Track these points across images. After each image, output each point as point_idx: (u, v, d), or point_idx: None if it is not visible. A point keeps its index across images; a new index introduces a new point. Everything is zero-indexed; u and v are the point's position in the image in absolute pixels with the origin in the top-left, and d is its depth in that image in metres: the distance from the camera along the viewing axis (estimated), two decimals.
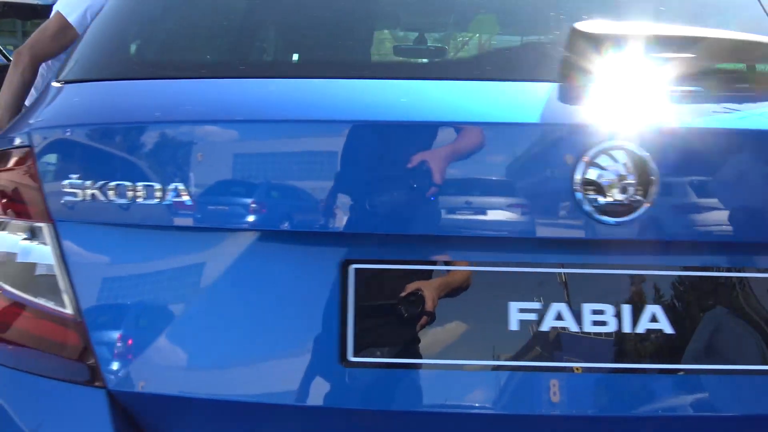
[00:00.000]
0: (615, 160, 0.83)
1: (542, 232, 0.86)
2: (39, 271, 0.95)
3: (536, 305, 0.88)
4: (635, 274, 0.89)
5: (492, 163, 0.86)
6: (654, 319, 0.87)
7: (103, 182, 0.90)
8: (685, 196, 0.84)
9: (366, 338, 0.88)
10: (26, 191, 0.95)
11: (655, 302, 0.86)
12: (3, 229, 0.98)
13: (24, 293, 0.96)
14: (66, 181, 0.91)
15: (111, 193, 0.89)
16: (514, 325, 0.87)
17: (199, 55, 1.06)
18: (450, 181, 0.86)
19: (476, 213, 0.87)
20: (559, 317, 0.87)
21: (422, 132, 0.87)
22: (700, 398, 0.85)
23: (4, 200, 0.98)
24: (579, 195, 0.83)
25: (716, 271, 0.88)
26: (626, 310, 0.85)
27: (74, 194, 0.91)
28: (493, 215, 0.86)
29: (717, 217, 0.85)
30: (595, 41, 0.89)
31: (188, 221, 0.89)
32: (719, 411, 0.87)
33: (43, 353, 0.95)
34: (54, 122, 0.95)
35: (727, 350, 0.88)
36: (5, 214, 0.97)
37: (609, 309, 0.85)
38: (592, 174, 0.82)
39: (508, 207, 0.86)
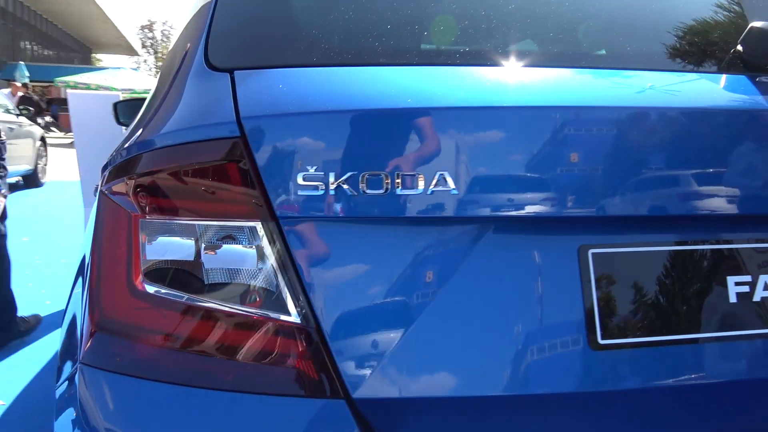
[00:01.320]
0: None
1: (763, 210, 0.94)
2: (262, 279, 0.86)
3: (748, 278, 0.95)
4: None
5: (718, 148, 0.92)
6: None
7: (351, 173, 0.83)
8: None
9: (611, 321, 0.90)
10: (240, 187, 0.85)
11: None
12: (210, 234, 0.86)
13: (245, 306, 0.86)
14: (299, 174, 0.83)
15: (362, 185, 0.83)
16: (733, 297, 0.94)
17: (392, 41, 1.00)
18: (680, 165, 0.91)
19: (705, 195, 0.92)
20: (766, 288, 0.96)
21: (657, 118, 0.91)
22: None
23: (210, 199, 0.87)
24: None
25: None
26: None
27: (312, 188, 0.83)
28: (719, 196, 0.92)
29: None
30: None
31: (432, 211, 0.85)
32: None
33: (272, 369, 0.85)
34: (272, 110, 0.86)
35: None
36: (212, 215, 0.86)
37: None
38: None
39: (732, 189, 0.92)
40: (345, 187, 0.83)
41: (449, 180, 0.84)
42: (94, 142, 3.87)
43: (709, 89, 0.98)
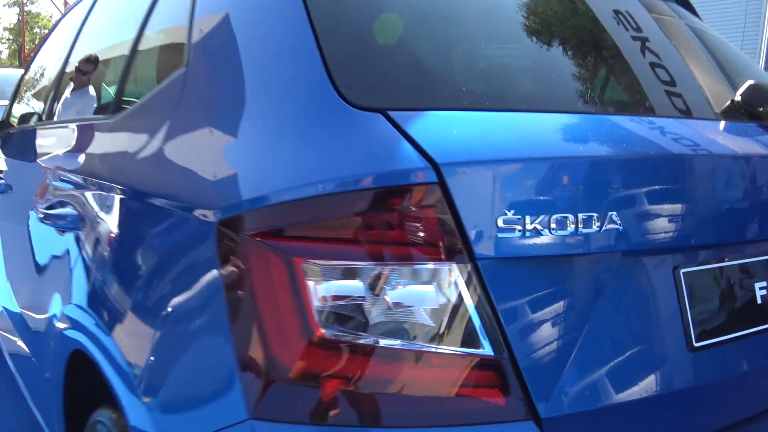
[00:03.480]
0: None
1: None
2: (455, 316, 0.90)
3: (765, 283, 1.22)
4: None
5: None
6: None
7: (543, 216, 0.91)
8: None
9: (701, 325, 1.10)
10: (438, 230, 0.89)
11: None
12: (399, 275, 0.89)
13: (431, 345, 0.89)
14: (498, 218, 0.89)
15: (553, 225, 0.92)
16: (760, 296, 1.20)
17: (535, 89, 1.08)
18: (743, 202, 1.14)
19: (758, 224, 1.16)
20: None
21: (727, 167, 1.12)
22: None
23: (401, 243, 0.88)
24: None
25: None
26: None
27: (509, 230, 0.90)
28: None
29: None
30: None
31: (602, 246, 0.97)
32: None
33: (469, 401, 0.91)
34: (468, 157, 0.90)
35: None
36: (403, 258, 0.88)
37: None
38: None
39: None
40: (538, 228, 0.91)
41: (617, 219, 0.96)
42: None
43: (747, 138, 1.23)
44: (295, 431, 0.89)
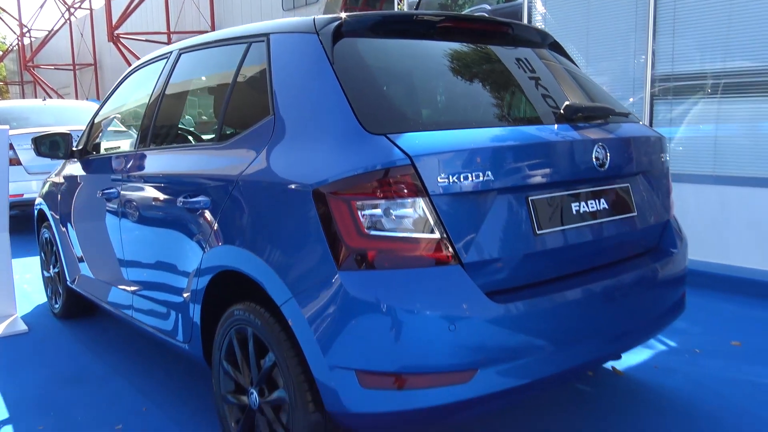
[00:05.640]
0: (602, 149, 2.46)
1: (583, 175, 2.44)
2: (422, 221, 2.10)
3: (578, 203, 2.45)
4: (607, 188, 2.55)
5: (571, 157, 2.39)
6: (619, 199, 2.54)
7: (459, 173, 2.11)
8: (625, 158, 2.55)
9: (541, 223, 2.32)
10: (411, 183, 2.08)
11: (616, 196, 2.54)
12: (397, 204, 2.08)
13: (413, 233, 2.09)
14: (440, 176, 2.09)
15: (468, 178, 2.11)
16: (574, 210, 2.43)
17: (469, 113, 2.31)
18: (563, 166, 2.36)
19: (571, 173, 2.39)
20: (585, 205, 2.47)
21: (568, 145, 2.35)
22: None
23: (397, 190, 2.08)
24: (594, 162, 2.44)
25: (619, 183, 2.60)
26: (605, 200, 2.52)
27: (445, 181, 2.09)
28: (574, 173, 2.40)
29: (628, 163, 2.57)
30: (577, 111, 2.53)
31: (488, 186, 2.17)
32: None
33: (431, 258, 2.10)
34: (426, 150, 2.09)
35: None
36: (400, 197, 2.07)
37: (602, 200, 2.50)
38: (596, 154, 2.45)
39: (576, 171, 2.41)
40: (456, 181, 2.11)
41: (492, 175, 2.16)
42: None
43: (555, 131, 2.46)
44: (359, 273, 2.07)
